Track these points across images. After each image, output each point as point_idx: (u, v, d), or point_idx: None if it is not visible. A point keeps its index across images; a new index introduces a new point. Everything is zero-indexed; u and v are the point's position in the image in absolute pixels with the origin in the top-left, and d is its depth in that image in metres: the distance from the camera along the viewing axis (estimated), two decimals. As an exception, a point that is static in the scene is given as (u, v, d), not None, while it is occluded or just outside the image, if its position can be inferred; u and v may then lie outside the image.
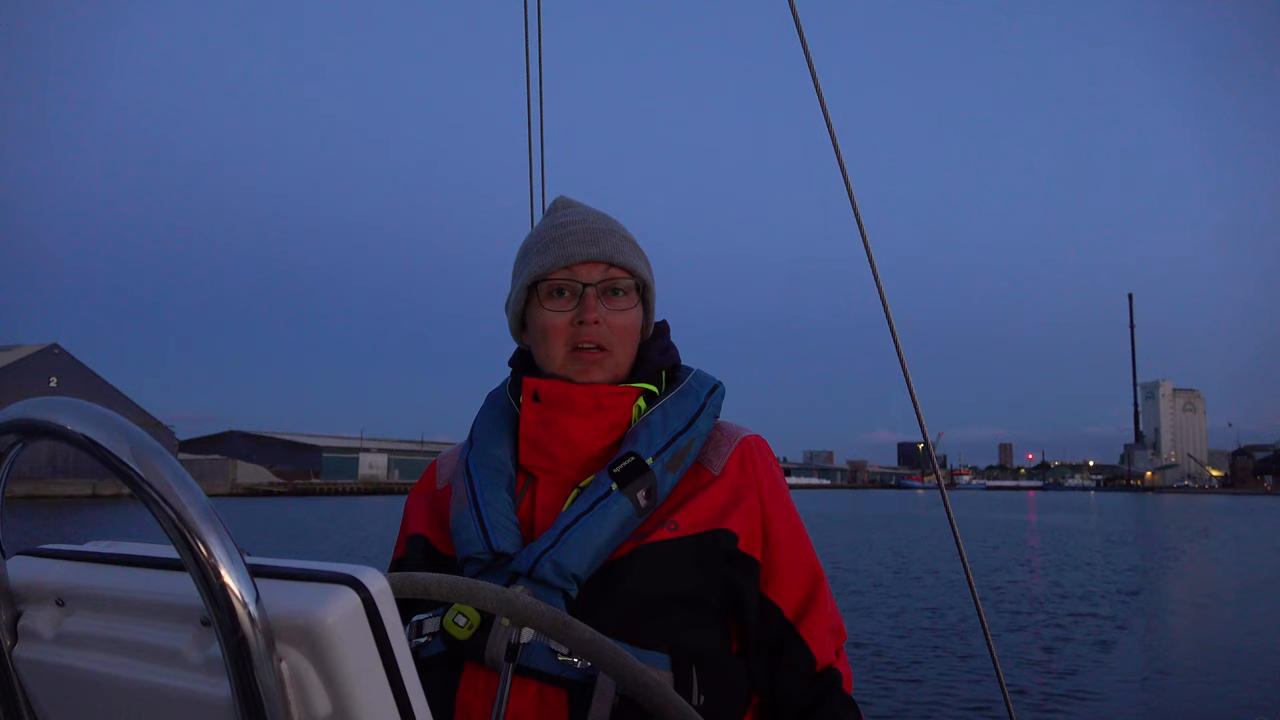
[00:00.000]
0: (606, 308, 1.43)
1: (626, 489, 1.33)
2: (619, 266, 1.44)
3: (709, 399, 1.48)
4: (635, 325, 1.47)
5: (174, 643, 0.79)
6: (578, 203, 1.58)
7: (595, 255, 1.42)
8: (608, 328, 1.43)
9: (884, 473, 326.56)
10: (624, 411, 1.43)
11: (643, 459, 1.36)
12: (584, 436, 1.41)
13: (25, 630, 0.90)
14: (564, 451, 1.41)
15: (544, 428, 1.42)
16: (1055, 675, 10.99)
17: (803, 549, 1.45)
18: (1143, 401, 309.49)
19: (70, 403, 0.75)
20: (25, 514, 39.65)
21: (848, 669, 1.44)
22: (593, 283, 1.43)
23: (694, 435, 1.42)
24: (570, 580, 1.28)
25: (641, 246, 1.54)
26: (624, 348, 1.46)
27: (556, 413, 1.41)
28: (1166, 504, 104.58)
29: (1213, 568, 27.71)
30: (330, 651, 0.71)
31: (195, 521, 0.70)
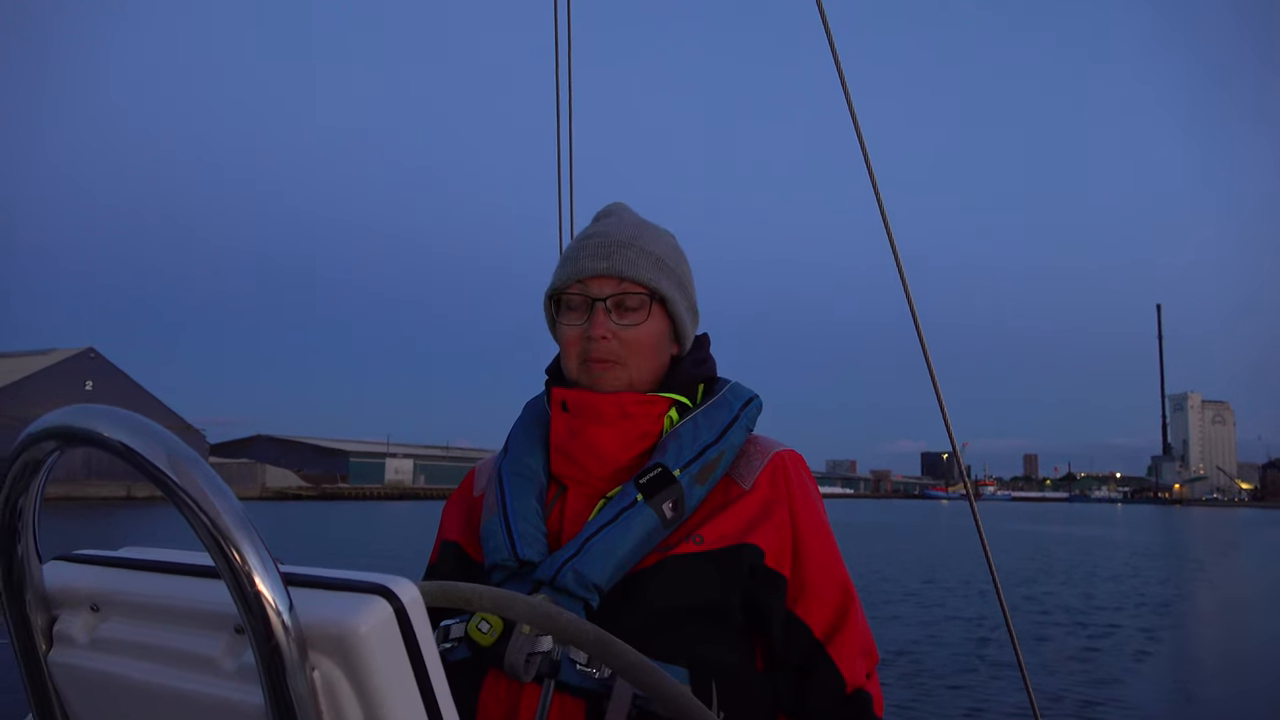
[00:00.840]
0: (617, 322, 1.44)
1: (652, 500, 1.33)
2: (630, 280, 1.45)
3: (742, 412, 1.47)
4: (650, 338, 1.46)
5: (207, 650, 0.80)
6: (621, 209, 1.59)
7: (605, 270, 1.44)
8: (619, 342, 1.44)
9: (907, 482, 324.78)
10: (653, 421, 1.43)
11: (670, 470, 1.35)
12: (611, 446, 1.41)
13: (60, 635, 0.91)
14: (592, 461, 1.41)
15: (572, 437, 1.42)
16: (1086, 686, 10.88)
17: (834, 566, 1.42)
18: (1171, 413, 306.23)
19: (108, 410, 0.76)
20: (63, 515, 40.17)
21: (879, 692, 1.40)
22: (603, 297, 1.44)
23: (725, 448, 1.41)
24: (591, 590, 1.29)
25: (679, 256, 1.55)
26: (637, 360, 1.45)
27: (584, 422, 1.41)
28: (1195, 517, 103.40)
29: (1244, 581, 27.36)
30: (362, 661, 0.71)
31: (230, 529, 0.70)
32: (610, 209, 1.59)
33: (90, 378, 68.44)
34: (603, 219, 1.56)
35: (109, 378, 70.25)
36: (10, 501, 0.84)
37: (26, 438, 0.79)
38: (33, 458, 0.81)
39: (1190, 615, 18.67)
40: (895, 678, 10.92)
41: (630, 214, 1.58)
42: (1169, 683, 11.92)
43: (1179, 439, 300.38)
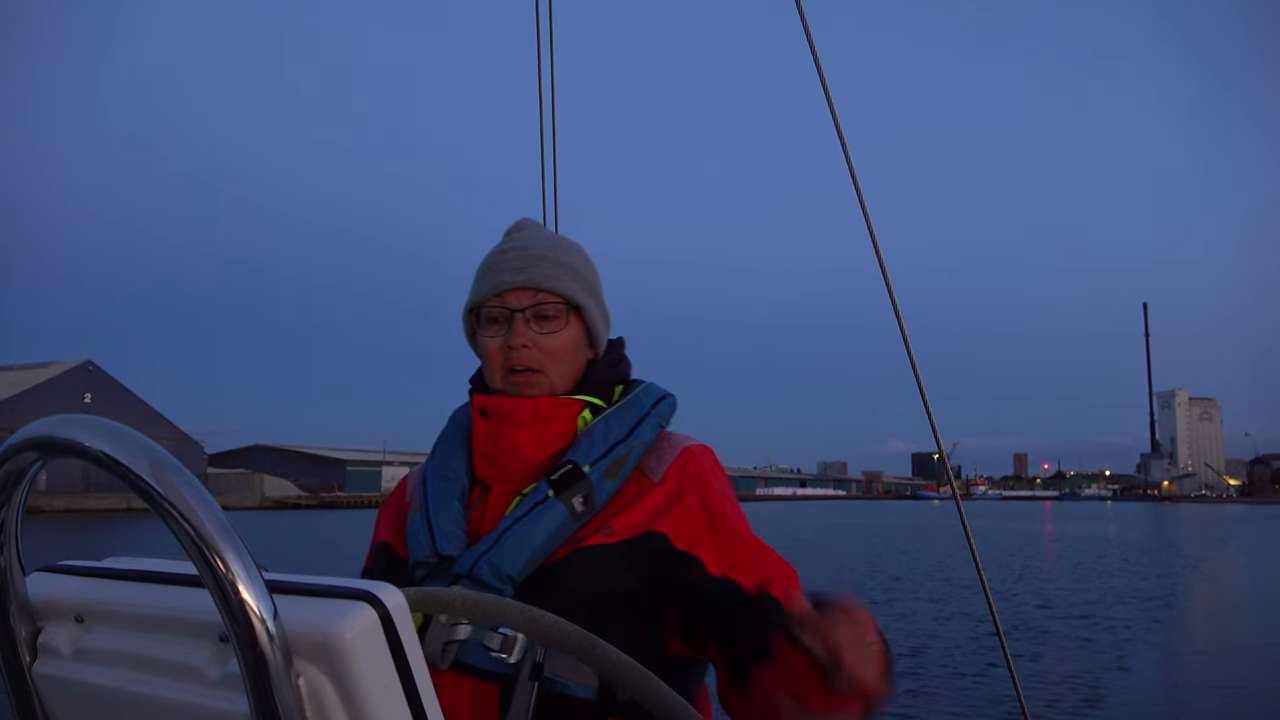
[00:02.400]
0: (536, 331, 1.51)
1: (563, 495, 1.41)
2: (547, 291, 1.52)
3: (653, 409, 1.55)
4: (568, 346, 1.54)
5: (192, 659, 0.79)
6: (531, 224, 1.67)
7: (523, 282, 1.51)
8: (539, 350, 1.51)
9: (899, 483, 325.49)
10: (568, 423, 1.51)
11: (579, 466, 1.43)
12: (528, 447, 1.48)
13: (45, 646, 0.90)
14: (513, 462, 1.49)
15: (492, 441, 1.50)
16: (1076, 684, 10.91)
17: (752, 538, 1.48)
18: (1159, 411, 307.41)
19: (89, 420, 0.75)
20: (64, 527, 40.03)
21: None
22: (521, 309, 1.51)
23: (634, 444, 1.49)
24: (505, 581, 1.36)
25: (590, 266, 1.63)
26: (557, 368, 1.52)
27: (503, 427, 1.49)
28: (1184, 513, 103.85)
29: (1235, 576, 27.50)
30: (348, 668, 0.71)
31: (213, 537, 0.70)
32: (521, 224, 1.67)
33: (89, 390, 68.37)
34: (515, 234, 1.64)
35: (108, 390, 70.14)
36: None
37: (8, 448, 0.79)
38: (15, 468, 0.81)
39: (1181, 611, 18.74)
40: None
41: (542, 229, 1.68)
42: (1160, 678, 11.97)
43: (1167, 436, 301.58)
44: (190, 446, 74.49)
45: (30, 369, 71.57)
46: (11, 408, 61.30)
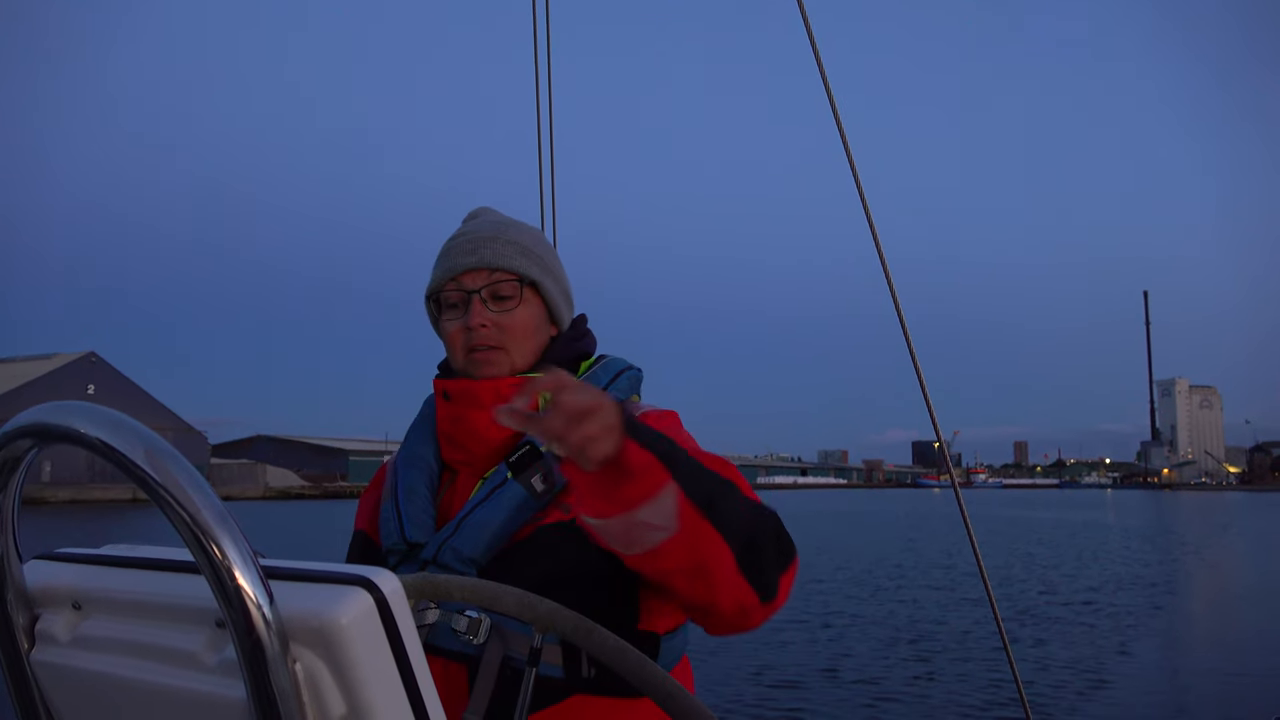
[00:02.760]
0: (494, 310, 1.52)
1: (520, 476, 1.42)
2: (501, 270, 1.53)
3: (611, 382, 1.57)
4: (526, 323, 1.54)
5: (189, 645, 0.80)
6: (487, 211, 1.69)
7: (475, 264, 1.53)
8: (497, 329, 1.51)
9: (899, 471, 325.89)
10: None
11: (536, 446, 1.43)
12: (489, 429, 1.47)
13: (42, 634, 0.91)
14: (475, 444, 1.49)
15: (454, 424, 1.51)
16: (1078, 670, 10.93)
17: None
18: (1159, 399, 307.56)
19: (85, 407, 0.76)
20: (69, 517, 40.12)
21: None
22: (476, 289, 1.52)
23: None
24: (469, 564, 1.38)
25: (544, 244, 1.63)
26: (517, 345, 1.53)
27: (464, 409, 1.49)
28: (1184, 501, 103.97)
29: (1235, 563, 27.53)
30: (344, 653, 0.71)
31: (209, 524, 0.71)
32: (476, 212, 1.69)
33: (92, 381, 68.43)
34: (468, 220, 1.65)
35: (111, 381, 70.18)
36: (-12, 501, 0.84)
37: (3, 436, 0.79)
38: (10, 455, 0.81)
39: (1182, 598, 18.77)
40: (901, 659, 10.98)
41: (496, 213, 1.68)
42: (1161, 664, 12.00)
43: (1167, 424, 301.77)
44: (194, 437, 74.62)
45: (33, 360, 71.68)
46: (15, 399, 61.39)
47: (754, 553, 1.16)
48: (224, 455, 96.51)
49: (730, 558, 1.14)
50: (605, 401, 1.03)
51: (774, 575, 1.20)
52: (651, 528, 1.07)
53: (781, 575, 1.22)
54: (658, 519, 1.07)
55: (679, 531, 1.07)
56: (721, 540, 1.12)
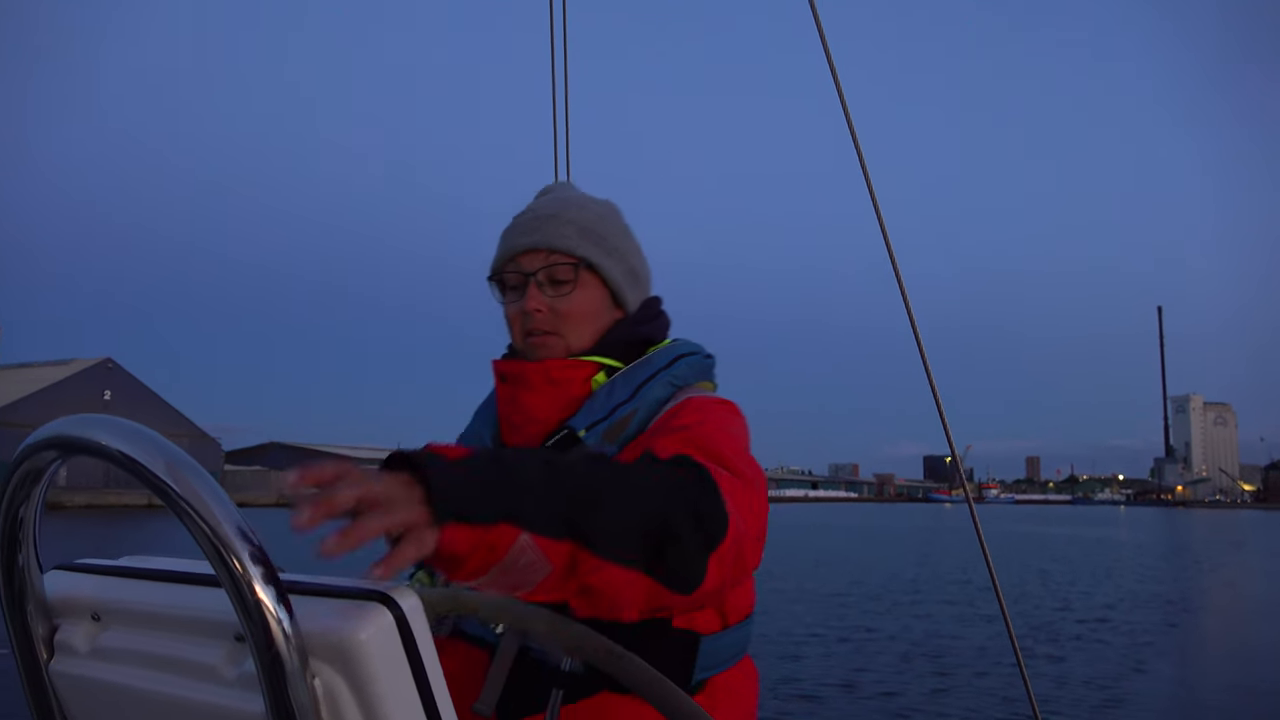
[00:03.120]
0: (551, 294, 1.47)
1: None
2: (558, 252, 1.47)
3: (666, 368, 1.46)
4: (583, 307, 1.48)
5: (208, 658, 0.80)
6: (559, 186, 1.63)
7: (532, 244, 1.48)
8: (553, 314, 1.46)
9: (911, 486, 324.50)
10: (580, 385, 1.45)
11: (575, 431, 1.39)
12: (540, 411, 1.44)
13: (61, 644, 0.91)
14: (526, 425, 1.45)
15: (511, 405, 1.47)
16: (1094, 687, 10.85)
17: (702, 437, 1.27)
18: (1173, 415, 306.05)
19: (107, 420, 0.76)
20: (86, 522, 40.34)
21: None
22: (533, 271, 1.47)
23: (637, 405, 1.41)
24: None
25: (608, 222, 1.54)
26: (574, 329, 1.48)
27: (517, 390, 1.46)
28: (1199, 518, 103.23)
29: (1251, 580, 27.31)
30: (363, 669, 0.71)
31: (230, 537, 0.71)
32: (549, 187, 1.64)
33: (108, 387, 68.61)
34: (540, 195, 1.61)
35: (127, 387, 70.35)
36: (11, 511, 0.85)
37: (27, 447, 0.80)
38: (33, 467, 0.81)
39: (1198, 615, 18.63)
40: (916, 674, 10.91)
41: (566, 189, 1.62)
42: (1177, 682, 11.90)
43: (1181, 441, 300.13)
44: (208, 444, 74.79)
45: (51, 366, 72.05)
46: (32, 404, 61.83)
47: (661, 549, 1.01)
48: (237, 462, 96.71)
49: (624, 570, 1.00)
50: (393, 494, 0.83)
51: (696, 562, 1.05)
52: (525, 572, 0.93)
53: (710, 555, 1.06)
54: (524, 567, 0.93)
55: (555, 568, 0.94)
56: (608, 561, 0.98)
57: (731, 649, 1.39)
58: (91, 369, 69.23)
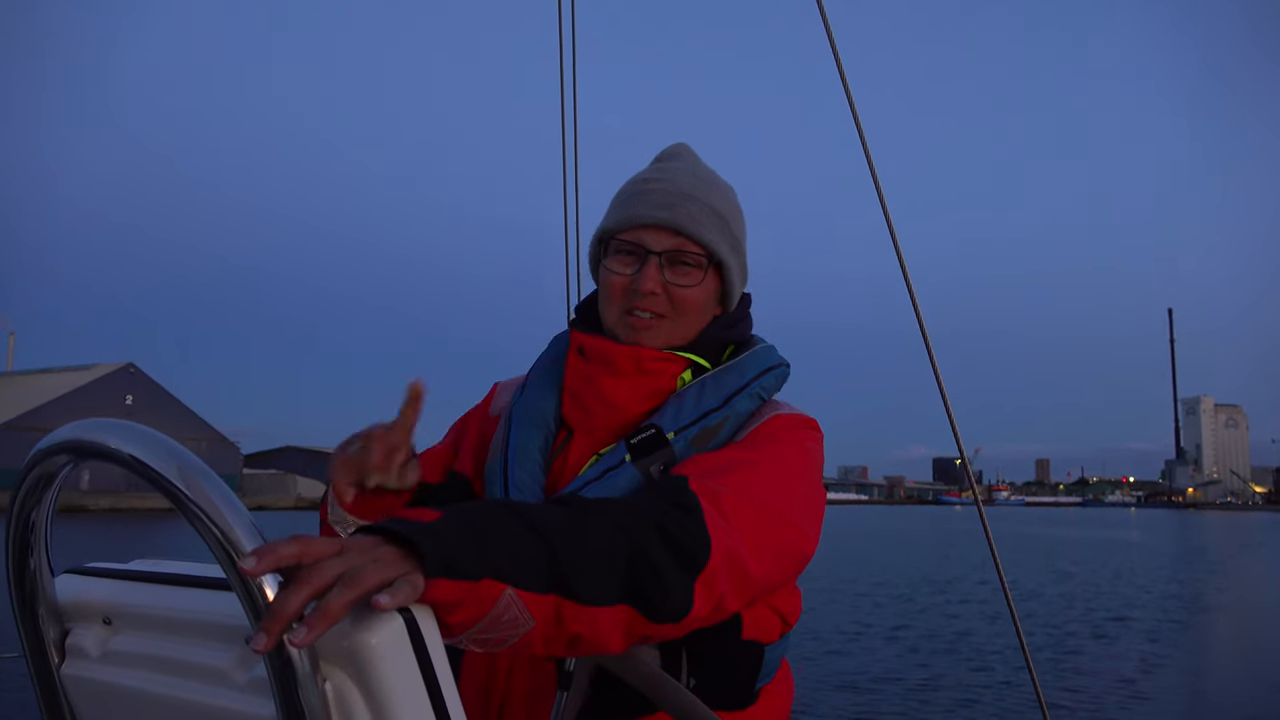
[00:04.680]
0: (669, 278, 1.35)
1: (639, 461, 1.27)
2: (690, 238, 1.36)
3: (756, 380, 1.37)
4: (699, 300, 1.38)
5: (219, 662, 0.80)
6: (687, 154, 1.50)
7: (664, 222, 1.35)
8: (667, 299, 1.36)
9: (921, 488, 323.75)
10: (668, 379, 1.36)
11: (663, 432, 1.29)
12: (621, 398, 1.34)
13: (73, 648, 0.91)
14: (602, 410, 1.35)
15: (585, 384, 1.37)
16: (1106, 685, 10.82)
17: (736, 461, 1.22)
18: (1184, 417, 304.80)
19: (119, 424, 0.76)
20: (109, 525, 40.60)
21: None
22: (658, 251, 1.35)
23: (728, 414, 1.32)
24: None
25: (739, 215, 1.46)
26: (683, 320, 1.37)
27: (597, 371, 1.36)
28: (1210, 520, 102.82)
29: (1264, 581, 27.20)
30: (374, 672, 0.71)
31: (241, 541, 0.71)
32: (675, 150, 1.50)
33: (130, 392, 69.13)
34: (665, 161, 1.48)
35: (148, 392, 70.82)
36: (23, 515, 0.85)
37: (38, 452, 0.80)
38: (45, 471, 0.82)
39: (1211, 616, 18.55)
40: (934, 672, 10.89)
41: (695, 161, 1.49)
42: (1189, 684, 11.85)
43: (1192, 443, 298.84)
44: (228, 448, 75.17)
45: (73, 371, 72.62)
46: (56, 408, 62.28)
47: (644, 588, 0.97)
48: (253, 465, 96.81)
49: (609, 611, 0.95)
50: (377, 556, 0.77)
51: (681, 592, 1.00)
52: (509, 627, 0.88)
53: (694, 581, 1.01)
54: (507, 623, 0.88)
55: (538, 622, 0.90)
56: (592, 608, 0.93)
57: (781, 655, 1.36)
58: (114, 374, 69.70)
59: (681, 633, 1.05)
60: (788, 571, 1.20)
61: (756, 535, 1.12)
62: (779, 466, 1.24)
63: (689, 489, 1.09)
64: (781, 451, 1.27)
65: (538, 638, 0.91)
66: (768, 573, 1.14)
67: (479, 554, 0.84)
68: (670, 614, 1.00)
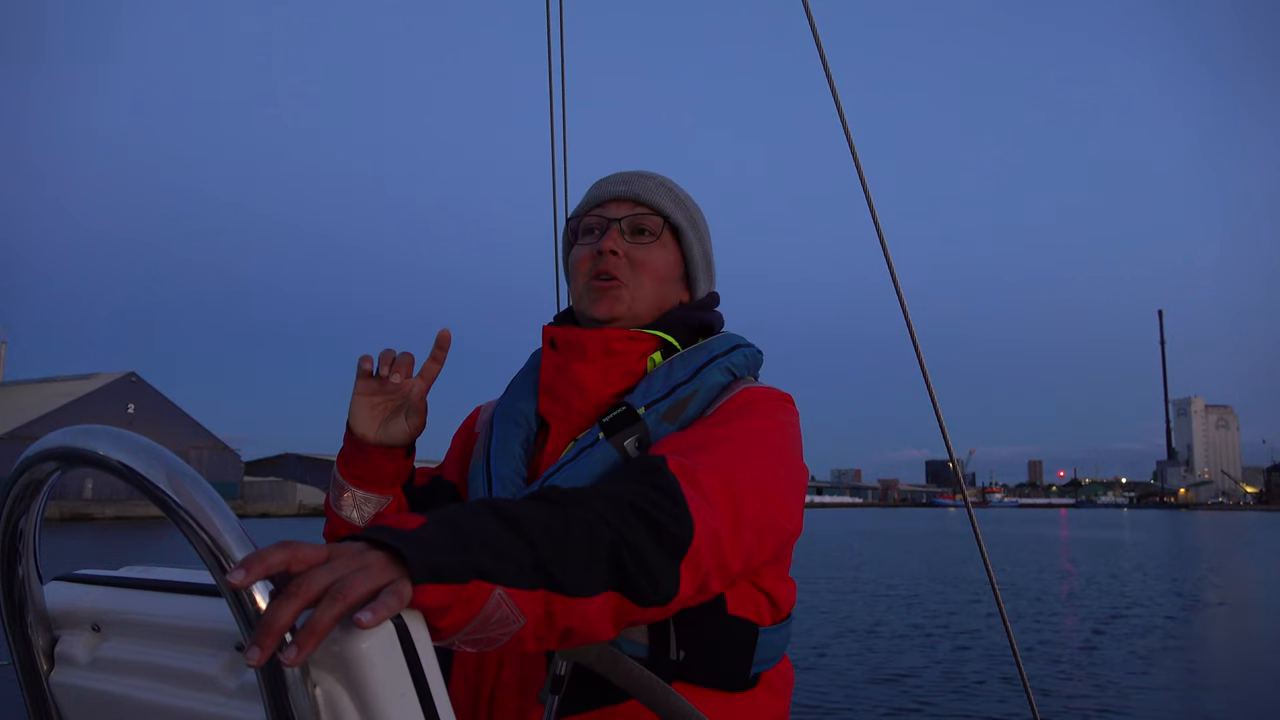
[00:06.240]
0: (629, 241, 1.44)
1: (614, 438, 1.30)
2: (646, 205, 1.46)
3: (725, 354, 1.41)
4: (660, 264, 1.45)
5: (209, 668, 0.80)
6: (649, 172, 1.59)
7: (623, 193, 1.46)
8: (628, 261, 1.43)
9: (914, 490, 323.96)
10: (636, 360, 1.39)
11: (634, 409, 1.32)
12: (592, 383, 1.38)
13: (62, 655, 0.91)
14: (575, 398, 1.38)
15: (558, 374, 1.41)
16: (1090, 690, 10.83)
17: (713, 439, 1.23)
18: (1175, 418, 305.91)
19: (108, 431, 0.76)
20: (114, 533, 40.52)
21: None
22: (618, 218, 1.45)
23: (697, 386, 1.35)
24: None
25: (698, 210, 1.55)
26: (643, 284, 1.43)
27: (568, 358, 1.40)
28: (1202, 520, 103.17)
29: (1256, 580, 27.27)
30: (364, 677, 0.71)
31: (230, 547, 0.71)
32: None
33: (132, 401, 69.15)
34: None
35: (150, 400, 70.83)
36: (11, 522, 0.85)
37: (26, 459, 0.80)
38: (33, 478, 0.81)
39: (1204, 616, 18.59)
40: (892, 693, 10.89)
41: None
42: (1182, 685, 11.86)
43: (1183, 444, 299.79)
44: (228, 455, 75.11)
45: (76, 380, 72.58)
46: (58, 417, 62.15)
47: (630, 575, 0.98)
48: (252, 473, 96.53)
49: (597, 600, 0.96)
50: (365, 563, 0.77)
51: (666, 574, 1.01)
52: (499, 627, 0.88)
53: (680, 564, 1.02)
54: (497, 622, 0.88)
55: (529, 619, 0.90)
56: (581, 600, 0.94)
57: (780, 645, 1.36)
58: (115, 383, 69.66)
59: (669, 614, 1.06)
60: (769, 547, 1.20)
61: (736, 512, 1.13)
62: (756, 442, 1.25)
63: (668, 470, 1.10)
64: (758, 426, 1.28)
65: (529, 635, 0.91)
66: (749, 549, 1.15)
67: (464, 556, 0.84)
68: (657, 598, 1.01)
